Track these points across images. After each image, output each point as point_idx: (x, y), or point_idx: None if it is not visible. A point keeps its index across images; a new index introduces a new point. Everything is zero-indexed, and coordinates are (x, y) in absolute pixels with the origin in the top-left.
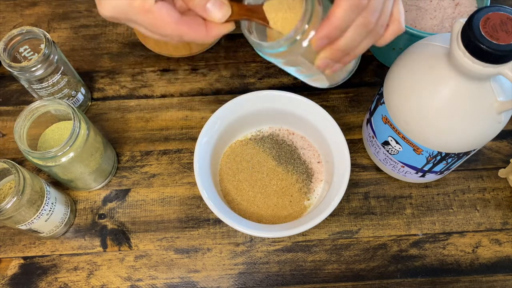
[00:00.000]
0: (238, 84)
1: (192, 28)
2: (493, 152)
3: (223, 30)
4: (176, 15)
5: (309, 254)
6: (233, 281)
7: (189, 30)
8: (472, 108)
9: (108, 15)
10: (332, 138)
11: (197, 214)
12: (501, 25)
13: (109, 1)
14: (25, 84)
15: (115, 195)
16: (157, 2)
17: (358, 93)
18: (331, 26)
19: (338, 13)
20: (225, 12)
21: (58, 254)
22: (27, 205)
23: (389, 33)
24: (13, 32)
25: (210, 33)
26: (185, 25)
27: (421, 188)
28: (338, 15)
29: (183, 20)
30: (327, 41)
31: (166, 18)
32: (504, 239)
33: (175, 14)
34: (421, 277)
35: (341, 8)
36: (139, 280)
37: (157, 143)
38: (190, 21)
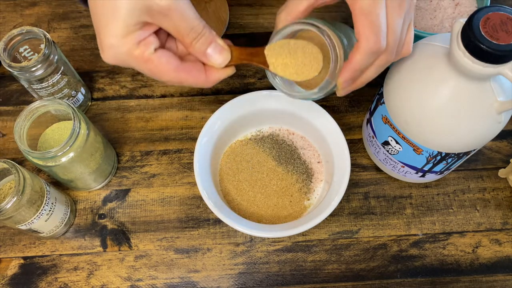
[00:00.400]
0: (238, 84)
1: (191, 75)
2: (493, 152)
3: (223, 75)
4: (175, 63)
5: (309, 254)
6: (233, 281)
7: (188, 77)
8: (472, 108)
9: (110, 63)
10: (332, 138)
11: (197, 214)
12: (501, 25)
13: (110, 50)
14: (25, 84)
15: (115, 195)
16: (156, 50)
17: (358, 93)
18: (353, 70)
19: (359, 60)
20: (225, 57)
21: (58, 254)
22: (27, 205)
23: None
24: (13, 32)
25: (209, 79)
26: (184, 72)
27: (421, 188)
28: (359, 61)
29: (183, 67)
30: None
31: (165, 66)
32: (504, 239)
33: (175, 61)
34: (421, 277)
35: (361, 54)
36: (139, 280)
37: (157, 143)
38: (190, 67)
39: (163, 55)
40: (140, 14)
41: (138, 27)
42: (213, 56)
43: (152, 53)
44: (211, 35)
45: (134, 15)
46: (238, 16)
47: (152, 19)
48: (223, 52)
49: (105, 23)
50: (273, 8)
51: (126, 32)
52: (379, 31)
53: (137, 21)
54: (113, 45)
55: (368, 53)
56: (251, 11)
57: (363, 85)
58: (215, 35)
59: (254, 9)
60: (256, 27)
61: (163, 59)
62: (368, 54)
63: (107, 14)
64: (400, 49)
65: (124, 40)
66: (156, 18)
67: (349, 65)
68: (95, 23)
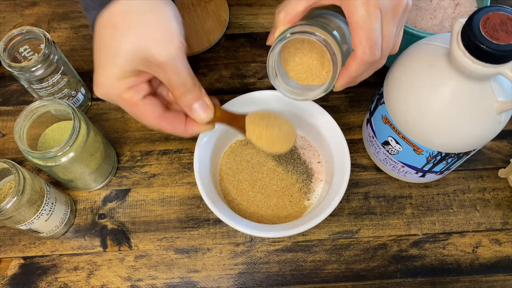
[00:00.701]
0: (238, 84)
1: (171, 124)
2: (493, 152)
3: (202, 129)
4: (158, 112)
5: (309, 254)
6: (233, 281)
7: (168, 126)
8: (472, 108)
9: (99, 97)
10: (332, 138)
11: (197, 214)
12: (501, 25)
13: (103, 88)
14: (25, 84)
15: (115, 195)
16: (145, 97)
17: (358, 93)
18: (349, 77)
19: (354, 68)
20: (208, 114)
21: (58, 254)
22: (27, 205)
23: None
24: (13, 32)
25: (188, 130)
26: (166, 121)
27: (421, 188)
28: (355, 69)
29: (165, 116)
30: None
31: (149, 113)
32: (504, 239)
33: (159, 110)
34: (421, 277)
35: (357, 64)
36: (139, 280)
37: (157, 143)
38: (171, 118)
39: (149, 103)
40: (138, 64)
41: (133, 74)
42: (197, 111)
43: (140, 100)
44: (200, 93)
45: (132, 64)
46: (238, 16)
47: (148, 69)
48: (207, 110)
49: (104, 63)
50: (273, 8)
51: (121, 77)
52: (374, 45)
53: (134, 69)
54: (105, 85)
55: (364, 64)
56: (251, 11)
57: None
58: (204, 94)
59: (254, 9)
60: (256, 27)
61: (148, 107)
62: (364, 65)
63: (107, 56)
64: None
65: (117, 83)
66: (152, 69)
67: (346, 72)
68: (95, 59)
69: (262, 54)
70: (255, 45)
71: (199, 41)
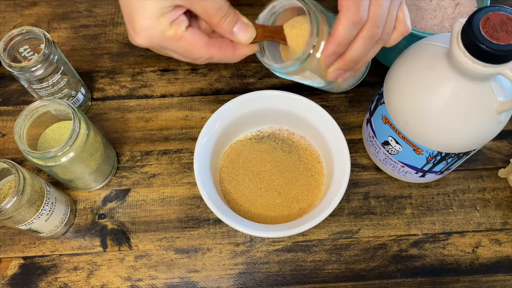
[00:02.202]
0: (238, 84)
1: (221, 49)
2: (493, 152)
3: (248, 51)
4: (205, 39)
5: (309, 254)
6: (233, 281)
7: (218, 51)
8: (472, 108)
9: (143, 44)
10: (332, 138)
11: (197, 214)
12: (501, 25)
13: (145, 32)
14: (25, 84)
15: (115, 195)
16: (187, 28)
17: (358, 93)
18: (335, 43)
19: (340, 30)
20: (250, 34)
21: (58, 254)
22: (27, 205)
23: (396, 35)
24: (13, 32)
25: (237, 53)
26: (215, 47)
27: (421, 188)
28: (340, 32)
29: (212, 42)
30: (334, 57)
31: (197, 42)
32: (504, 239)
33: (204, 37)
34: (421, 277)
35: (342, 25)
36: (139, 280)
37: (157, 143)
38: (219, 43)
39: (195, 32)
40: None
41: (170, 8)
42: (239, 33)
43: (184, 31)
44: (236, 14)
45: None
46: None
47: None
48: (249, 30)
49: (138, 6)
50: None
51: (160, 14)
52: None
53: (171, 3)
54: (148, 27)
55: (349, 24)
56: (251, 11)
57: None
58: (239, 14)
59: (254, 9)
60: None
61: (195, 36)
62: (349, 25)
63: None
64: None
65: (159, 21)
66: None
67: (332, 37)
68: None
69: None
70: None
71: None
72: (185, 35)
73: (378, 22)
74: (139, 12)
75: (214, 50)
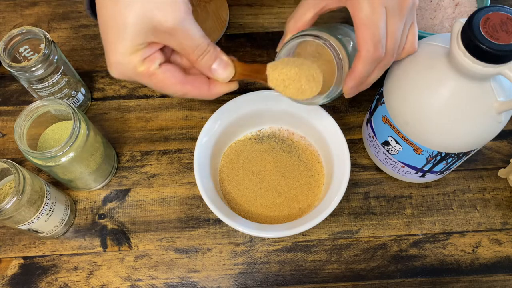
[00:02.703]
0: (238, 84)
1: (195, 87)
2: (493, 152)
3: (225, 89)
4: (180, 76)
5: (309, 254)
6: (233, 281)
7: (192, 89)
8: (472, 108)
9: (116, 78)
10: (332, 138)
11: (197, 214)
12: (501, 25)
13: (117, 67)
14: (25, 84)
15: (115, 195)
16: (161, 65)
17: (358, 93)
18: (356, 79)
19: (360, 68)
20: (229, 72)
21: (58, 254)
22: (27, 205)
23: (403, 54)
24: (13, 32)
25: (212, 91)
26: (189, 84)
27: (421, 188)
28: (361, 69)
29: (187, 79)
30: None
31: (170, 80)
32: (504, 239)
33: (179, 75)
34: (421, 277)
35: (363, 64)
36: (139, 280)
37: (157, 143)
38: (194, 80)
39: (168, 70)
40: (146, 35)
41: (144, 45)
42: (218, 71)
43: (156, 68)
44: (216, 51)
45: (141, 36)
46: (238, 16)
47: (158, 38)
48: (228, 68)
49: (113, 41)
50: (273, 8)
51: (132, 51)
52: (378, 42)
53: (143, 41)
54: (120, 63)
55: (369, 62)
56: (251, 11)
57: (368, 86)
58: (219, 51)
59: (254, 9)
60: (256, 27)
61: (167, 73)
62: (369, 63)
63: (115, 32)
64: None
65: (130, 58)
66: (161, 37)
67: (353, 74)
68: (103, 39)
69: (262, 54)
70: (255, 45)
71: None
72: (157, 72)
73: (393, 51)
74: (113, 47)
75: (188, 87)
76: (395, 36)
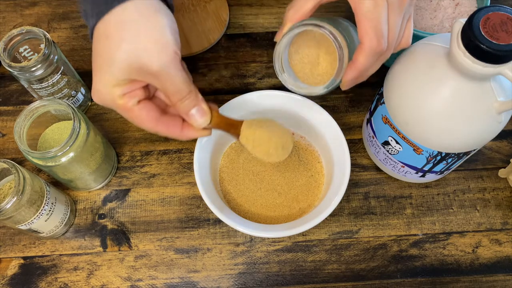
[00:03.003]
0: (238, 84)
1: (167, 128)
2: (493, 152)
3: (198, 134)
4: (155, 115)
5: (309, 254)
6: (233, 281)
7: (164, 129)
8: (472, 108)
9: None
10: (332, 138)
11: (197, 214)
12: (501, 25)
13: (98, 94)
14: (25, 84)
15: (115, 195)
16: (140, 102)
17: (358, 93)
18: (357, 71)
19: (362, 61)
20: (204, 120)
21: (58, 254)
22: (27, 205)
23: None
24: (13, 32)
25: (184, 134)
26: (162, 125)
27: (421, 188)
28: (362, 62)
29: (161, 120)
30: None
31: (144, 118)
32: (504, 239)
33: (154, 114)
34: (421, 277)
35: (365, 56)
36: (139, 280)
37: (157, 143)
38: (168, 121)
39: (144, 108)
40: (131, 73)
41: (127, 82)
42: (194, 116)
43: (134, 105)
44: (197, 99)
45: (126, 73)
46: (238, 16)
47: (142, 78)
48: (204, 116)
49: (99, 71)
50: (273, 8)
51: (115, 84)
52: (381, 35)
53: (127, 77)
54: (101, 91)
55: (372, 55)
56: (251, 11)
57: (364, 79)
58: (200, 100)
59: (254, 9)
60: (256, 27)
61: (143, 111)
62: (371, 56)
63: (102, 64)
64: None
65: (111, 90)
66: (146, 77)
67: (354, 65)
68: (93, 66)
69: (262, 54)
70: (255, 45)
71: (199, 41)
72: (133, 109)
73: (393, 45)
74: (98, 76)
75: (160, 127)
76: (395, 29)
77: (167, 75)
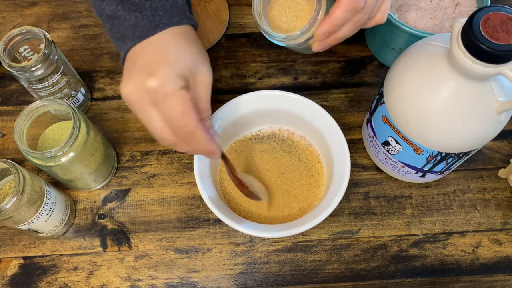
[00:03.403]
0: (238, 84)
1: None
2: (493, 152)
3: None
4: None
5: (309, 254)
6: (233, 281)
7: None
8: (472, 108)
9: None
10: (332, 138)
11: (197, 214)
12: (501, 25)
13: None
14: (25, 84)
15: (115, 195)
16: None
17: (358, 93)
18: (331, 24)
19: (338, 14)
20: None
21: (58, 254)
22: (27, 205)
23: (372, 22)
24: (13, 32)
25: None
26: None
27: (421, 188)
28: (338, 15)
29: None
30: (327, 35)
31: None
32: (504, 239)
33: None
34: (421, 277)
35: (341, 10)
36: (139, 280)
37: (157, 143)
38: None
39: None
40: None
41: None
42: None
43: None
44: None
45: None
46: (238, 16)
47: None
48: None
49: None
50: None
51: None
52: None
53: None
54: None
55: (348, 10)
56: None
57: (337, 41)
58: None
59: None
60: (256, 27)
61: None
62: (348, 11)
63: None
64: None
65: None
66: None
67: (329, 19)
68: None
69: (262, 54)
70: (255, 45)
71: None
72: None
73: (369, 10)
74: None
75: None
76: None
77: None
